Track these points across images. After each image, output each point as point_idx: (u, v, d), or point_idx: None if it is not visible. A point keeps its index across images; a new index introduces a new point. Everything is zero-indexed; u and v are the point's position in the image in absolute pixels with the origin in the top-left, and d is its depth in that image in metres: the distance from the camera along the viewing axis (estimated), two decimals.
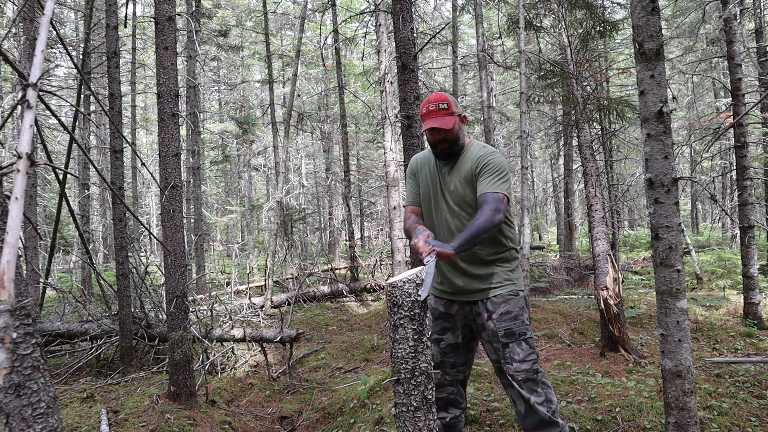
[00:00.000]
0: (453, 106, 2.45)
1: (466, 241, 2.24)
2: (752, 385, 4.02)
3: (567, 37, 6.02)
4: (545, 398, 2.43)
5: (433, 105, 2.44)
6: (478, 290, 2.49)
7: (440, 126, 2.39)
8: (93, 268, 6.24)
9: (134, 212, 11.38)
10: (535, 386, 2.42)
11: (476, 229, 2.23)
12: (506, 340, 2.41)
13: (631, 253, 14.89)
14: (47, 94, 2.18)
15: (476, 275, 2.50)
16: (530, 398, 2.40)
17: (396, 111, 8.13)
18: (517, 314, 2.45)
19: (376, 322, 7.96)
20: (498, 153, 2.48)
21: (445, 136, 2.44)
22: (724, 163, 15.53)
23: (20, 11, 5.50)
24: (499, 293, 2.47)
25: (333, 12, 12.14)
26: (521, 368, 2.40)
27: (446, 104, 2.43)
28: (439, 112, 2.43)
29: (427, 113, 2.45)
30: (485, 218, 2.25)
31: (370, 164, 20.75)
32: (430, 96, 2.48)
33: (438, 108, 2.43)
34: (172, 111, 4.02)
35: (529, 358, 2.41)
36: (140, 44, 16.31)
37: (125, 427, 3.62)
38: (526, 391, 2.40)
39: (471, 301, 2.53)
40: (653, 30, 2.12)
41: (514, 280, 2.52)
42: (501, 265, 2.51)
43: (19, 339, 1.66)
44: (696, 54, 14.37)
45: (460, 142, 2.49)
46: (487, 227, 2.25)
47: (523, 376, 2.40)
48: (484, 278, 2.49)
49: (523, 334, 2.43)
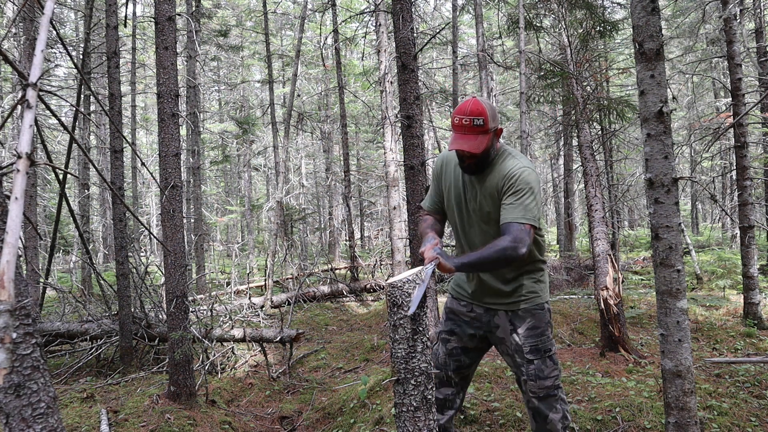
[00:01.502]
0: (489, 121, 2.19)
1: (471, 265, 2.16)
2: (752, 385, 4.02)
3: (567, 37, 6.02)
4: (562, 415, 2.40)
5: (468, 119, 2.17)
6: (503, 303, 2.40)
7: (470, 150, 2.17)
8: (93, 268, 6.24)
9: (134, 212, 11.37)
10: (555, 402, 2.38)
11: (485, 258, 2.11)
12: (532, 357, 2.33)
13: (631, 253, 14.89)
14: (47, 94, 2.18)
15: (499, 291, 2.39)
16: (548, 415, 2.37)
17: (396, 111, 8.12)
18: (543, 330, 2.36)
19: (376, 322, 7.96)
20: (528, 168, 2.23)
21: (473, 155, 2.22)
22: (724, 163, 15.53)
23: (20, 11, 5.50)
24: (524, 307, 2.36)
25: (333, 12, 12.13)
26: (544, 385, 2.34)
27: (482, 120, 2.16)
28: (472, 129, 2.17)
29: (459, 126, 2.19)
30: (499, 250, 2.08)
31: (370, 164, 20.75)
32: (466, 104, 2.20)
33: (473, 124, 2.17)
34: (172, 111, 4.02)
35: (552, 374, 2.36)
36: (140, 44, 16.31)
37: (125, 427, 3.62)
38: (545, 407, 2.37)
39: (493, 309, 2.43)
40: (653, 30, 2.12)
41: (539, 291, 2.40)
42: (527, 276, 2.39)
43: (19, 339, 1.66)
44: (696, 54, 14.37)
45: (490, 157, 2.27)
46: (499, 260, 2.10)
47: (545, 393, 2.35)
48: (509, 293, 2.38)
49: (548, 351, 2.36)
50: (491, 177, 2.28)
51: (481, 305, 2.46)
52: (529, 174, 2.21)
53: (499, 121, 2.30)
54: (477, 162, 2.26)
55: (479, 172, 2.31)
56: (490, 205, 2.29)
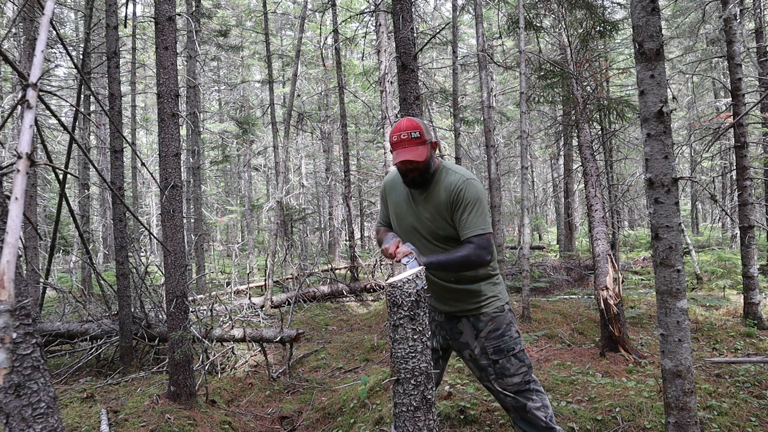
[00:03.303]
0: (425, 133, 2.33)
1: (440, 264, 2.25)
2: (752, 385, 4.02)
3: (567, 37, 6.02)
4: (542, 404, 2.45)
5: (405, 134, 2.31)
6: (464, 309, 2.48)
7: (414, 158, 2.28)
8: (93, 268, 6.24)
9: (134, 212, 11.38)
10: (530, 394, 2.44)
11: (454, 260, 2.24)
12: (496, 357, 2.42)
13: (631, 253, 14.89)
14: (47, 94, 2.18)
15: (458, 292, 2.46)
16: (527, 404, 2.43)
17: (396, 111, 8.13)
18: (503, 331, 2.44)
19: (376, 322, 7.96)
20: (471, 180, 2.35)
21: (417, 165, 2.32)
22: (724, 163, 15.53)
23: (20, 11, 5.50)
24: (485, 311, 2.45)
25: (333, 12, 12.14)
26: (512, 382, 2.42)
27: (419, 132, 2.31)
28: (411, 141, 2.30)
29: (398, 142, 2.32)
30: (467, 254, 2.24)
31: (370, 164, 20.76)
32: (401, 122, 2.35)
33: (410, 137, 2.30)
34: (172, 111, 4.02)
35: (519, 371, 2.43)
36: (140, 44, 16.31)
37: (125, 427, 3.62)
38: (522, 398, 2.43)
39: (457, 316, 2.50)
40: (653, 30, 2.12)
41: (498, 294, 2.49)
42: (485, 281, 2.47)
43: (19, 339, 1.66)
44: (696, 54, 14.38)
45: (431, 169, 2.38)
46: (465, 264, 2.25)
47: (515, 389, 2.43)
48: (467, 296, 2.46)
49: (511, 350, 2.43)
50: (435, 192, 2.39)
51: (443, 313, 2.55)
52: (473, 185, 2.34)
53: (432, 136, 2.43)
54: (420, 174, 2.35)
55: (423, 186, 2.40)
56: (436, 222, 2.39)
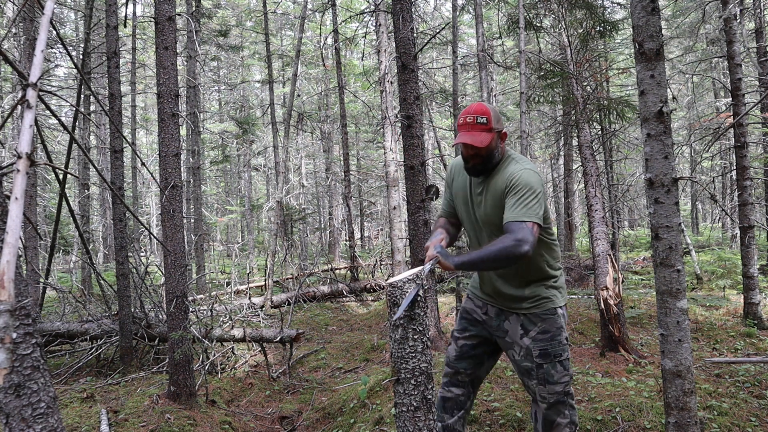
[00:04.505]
0: (493, 121, 2.25)
1: (471, 262, 2.14)
2: (752, 385, 4.02)
3: (567, 37, 6.02)
4: (570, 420, 2.37)
5: (471, 117, 2.24)
6: (515, 307, 2.39)
7: (473, 143, 2.20)
8: (93, 268, 6.24)
9: (134, 212, 11.37)
10: (564, 408, 2.35)
11: (486, 256, 2.09)
12: (541, 361, 2.31)
13: (631, 253, 14.89)
14: (47, 94, 2.18)
15: (512, 296, 2.38)
16: (556, 419, 2.35)
17: (396, 111, 8.12)
18: (554, 334, 2.33)
19: (376, 322, 7.96)
20: (529, 170, 2.24)
21: (479, 152, 2.25)
22: (724, 163, 15.53)
23: (20, 11, 5.50)
24: (536, 312, 2.35)
25: (333, 12, 12.13)
26: (554, 390, 2.32)
27: (486, 119, 2.23)
28: (476, 126, 2.23)
29: (463, 124, 2.26)
30: (501, 248, 2.06)
31: (370, 164, 20.75)
32: (471, 106, 2.29)
33: (476, 122, 2.23)
34: (172, 111, 4.02)
35: (562, 380, 2.32)
36: (140, 44, 16.31)
37: (125, 427, 3.62)
38: (554, 413, 2.35)
39: (506, 312, 2.42)
40: (653, 30, 2.12)
41: (552, 297, 2.37)
42: (540, 282, 2.37)
43: (19, 339, 1.66)
44: (696, 54, 14.37)
45: (494, 159, 2.29)
46: (500, 258, 2.07)
47: (555, 399, 2.33)
48: (521, 299, 2.37)
49: (558, 356, 2.32)
50: (496, 181, 2.29)
51: (494, 306, 2.46)
52: (530, 175, 2.21)
53: (503, 125, 2.33)
54: (482, 161, 2.28)
55: (484, 174, 2.32)
56: (495, 210, 2.29)
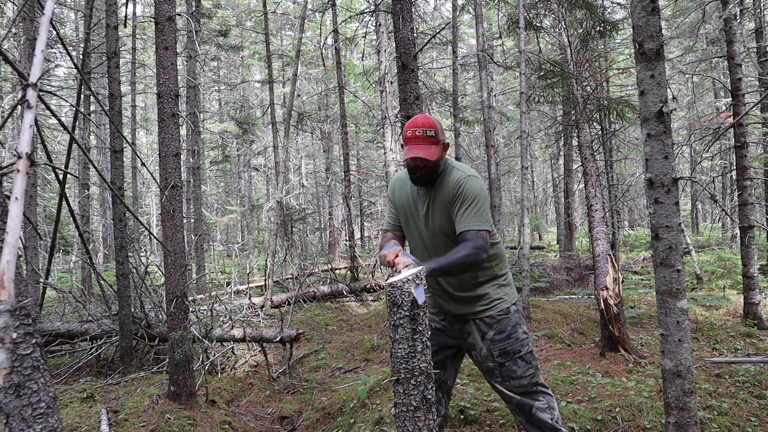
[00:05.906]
0: (440, 133, 2.33)
1: (441, 269, 2.17)
2: (752, 385, 4.02)
3: (567, 37, 6.02)
4: (548, 405, 2.43)
5: (420, 131, 2.29)
6: (470, 312, 2.45)
7: (426, 156, 2.26)
8: (93, 268, 6.24)
9: (134, 212, 11.37)
10: (536, 395, 2.42)
11: (455, 261, 2.16)
12: (501, 360, 2.39)
13: (631, 253, 14.89)
14: (47, 94, 2.18)
15: (464, 298, 2.44)
16: (533, 405, 2.41)
17: (396, 111, 8.13)
18: (509, 333, 2.41)
19: (376, 322, 7.96)
20: (473, 177, 2.34)
21: (428, 164, 2.31)
22: (724, 163, 15.53)
23: (20, 11, 5.50)
24: (490, 314, 2.42)
25: (333, 12, 12.14)
26: (519, 384, 2.40)
27: (434, 131, 2.30)
28: (425, 139, 2.29)
29: (412, 138, 2.30)
30: (466, 254, 2.17)
31: (370, 164, 20.76)
32: (417, 118, 2.33)
33: (425, 135, 2.29)
34: (172, 111, 4.02)
35: (526, 374, 2.40)
36: (140, 44, 16.32)
37: (125, 427, 3.62)
38: (528, 399, 2.41)
39: (463, 318, 2.48)
40: (653, 30, 2.12)
41: (503, 296, 2.45)
42: (490, 283, 2.45)
43: (19, 339, 1.66)
44: (696, 54, 14.37)
45: (440, 169, 2.36)
46: (467, 263, 2.18)
47: (522, 390, 2.40)
48: (473, 300, 2.43)
49: (517, 352, 2.40)
50: (441, 189, 2.37)
51: (451, 314, 2.52)
52: (474, 182, 2.32)
53: (446, 137, 2.42)
54: (429, 172, 2.34)
55: (430, 184, 2.39)
56: (442, 218, 2.36)
